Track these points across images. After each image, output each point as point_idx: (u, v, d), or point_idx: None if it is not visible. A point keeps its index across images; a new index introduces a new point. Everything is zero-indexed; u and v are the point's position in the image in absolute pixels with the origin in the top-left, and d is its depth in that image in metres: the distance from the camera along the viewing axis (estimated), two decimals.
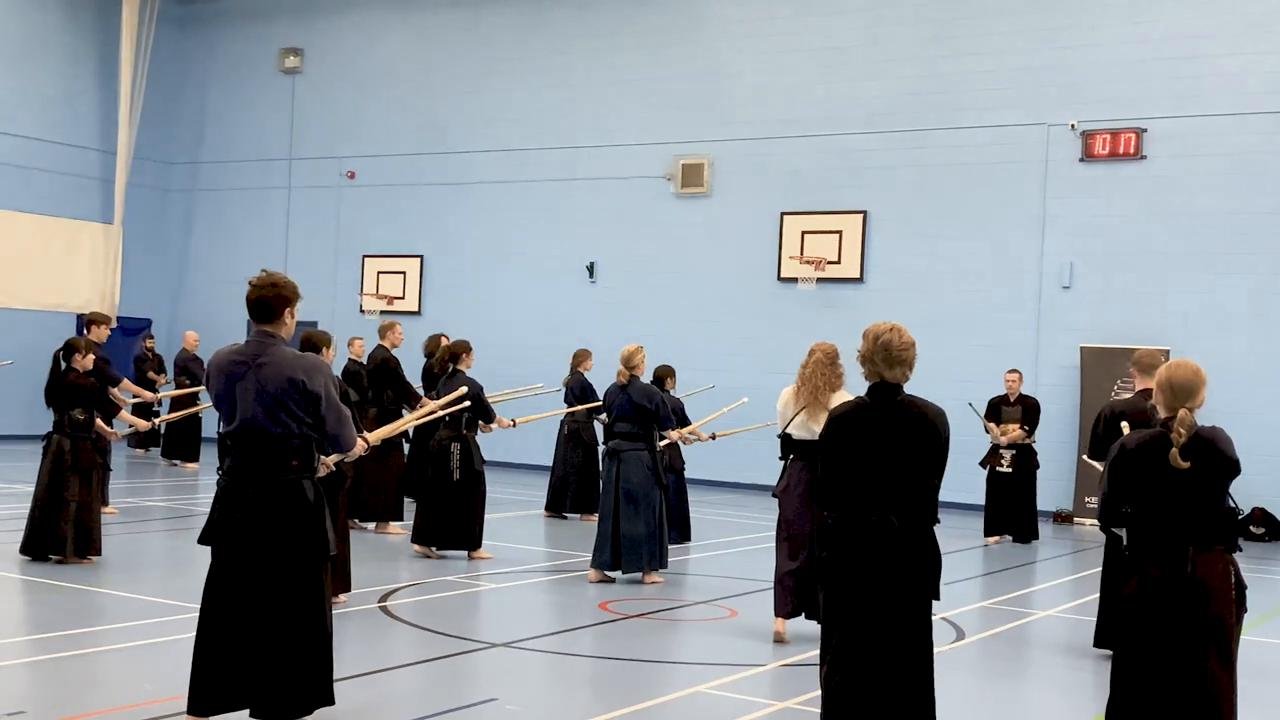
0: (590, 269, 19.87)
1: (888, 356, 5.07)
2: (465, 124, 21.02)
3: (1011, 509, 13.96)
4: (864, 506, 5.03)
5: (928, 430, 5.02)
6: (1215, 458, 4.90)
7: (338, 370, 9.04)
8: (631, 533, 10.03)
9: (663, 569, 10.29)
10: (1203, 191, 16.02)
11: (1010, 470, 13.92)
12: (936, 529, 5.11)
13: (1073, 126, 16.73)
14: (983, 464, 14.12)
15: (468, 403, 10.06)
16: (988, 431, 14.06)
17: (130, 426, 11.55)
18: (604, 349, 15.29)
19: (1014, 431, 13.99)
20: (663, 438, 10.58)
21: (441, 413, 9.93)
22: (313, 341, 7.85)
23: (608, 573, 10.13)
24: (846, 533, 5.05)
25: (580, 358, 14.42)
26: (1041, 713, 7.06)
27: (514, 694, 6.56)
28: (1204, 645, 4.82)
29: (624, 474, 10.16)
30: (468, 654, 7.48)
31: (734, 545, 12.71)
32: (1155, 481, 4.93)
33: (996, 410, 14.16)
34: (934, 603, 5.11)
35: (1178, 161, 16.19)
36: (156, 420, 13.21)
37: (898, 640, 4.98)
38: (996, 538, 13.88)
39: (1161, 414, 5.05)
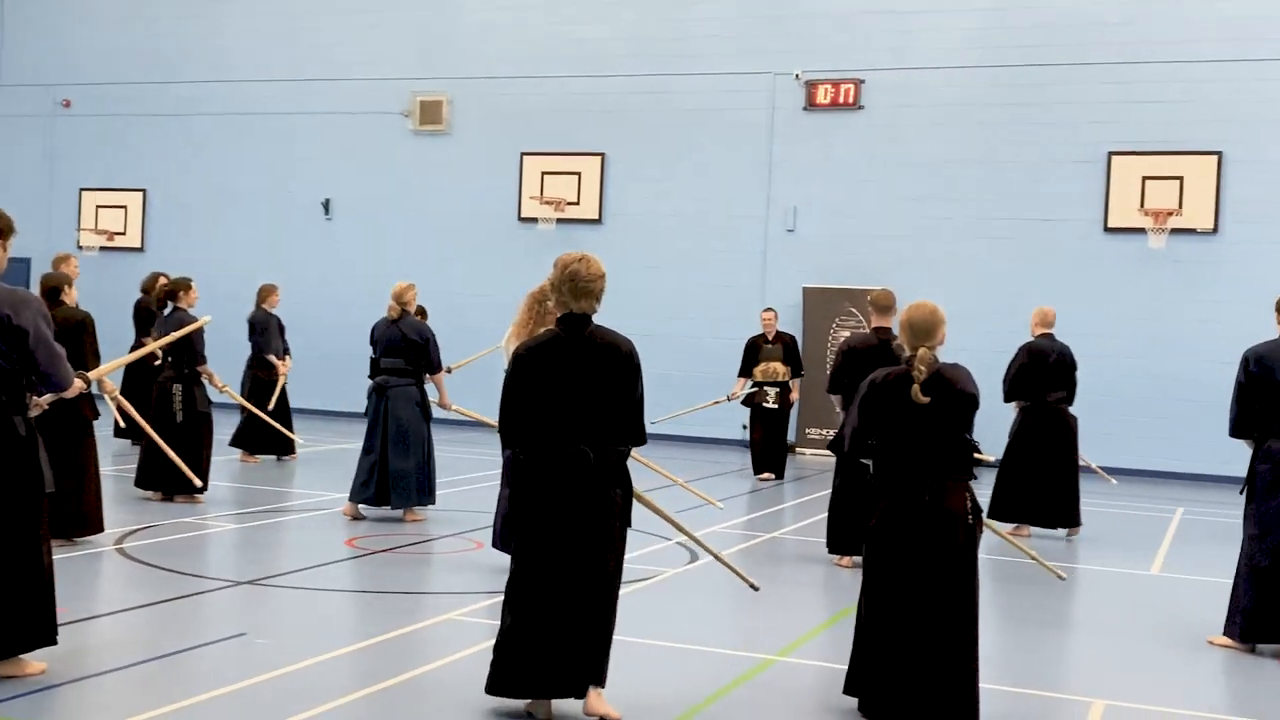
0: (325, 206, 19.51)
1: (574, 287, 5.12)
2: (186, 52, 20.19)
3: (775, 446, 14.12)
4: (558, 438, 5.08)
5: (618, 359, 5.12)
6: (953, 393, 5.25)
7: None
8: (401, 468, 10.07)
9: (431, 505, 10.39)
10: (914, 141, 17.08)
11: (776, 406, 14.08)
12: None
13: (797, 76, 17.51)
14: (745, 403, 14.28)
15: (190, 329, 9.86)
16: (746, 389, 14.10)
17: None
18: (342, 287, 15.19)
19: (776, 368, 14.06)
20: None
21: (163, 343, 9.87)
22: (52, 284, 8.30)
23: (367, 508, 10.16)
24: (542, 465, 5.11)
25: (265, 293, 13.89)
26: (791, 611, 7.48)
27: (263, 629, 6.61)
28: (949, 566, 5.21)
29: (393, 409, 10.13)
30: (213, 592, 7.46)
31: (473, 482, 12.92)
32: (899, 415, 5.26)
33: (755, 349, 14.20)
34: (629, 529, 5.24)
35: (892, 112, 17.19)
36: None
37: (590, 565, 5.06)
38: (769, 474, 14.03)
39: (905, 352, 5.33)
